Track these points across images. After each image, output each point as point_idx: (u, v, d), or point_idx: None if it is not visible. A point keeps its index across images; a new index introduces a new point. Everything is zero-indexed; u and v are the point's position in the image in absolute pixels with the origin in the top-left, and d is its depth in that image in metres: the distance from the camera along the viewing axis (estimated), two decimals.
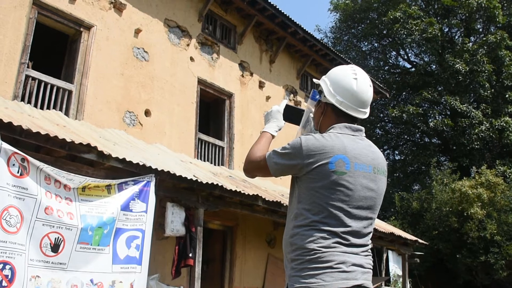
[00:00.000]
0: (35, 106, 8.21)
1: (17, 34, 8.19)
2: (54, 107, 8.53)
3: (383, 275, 16.48)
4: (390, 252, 17.05)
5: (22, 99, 8.10)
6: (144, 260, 6.87)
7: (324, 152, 2.20)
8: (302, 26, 13.34)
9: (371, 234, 2.36)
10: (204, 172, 9.29)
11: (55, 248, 5.88)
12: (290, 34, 13.39)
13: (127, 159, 6.86)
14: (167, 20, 10.86)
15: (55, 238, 5.85)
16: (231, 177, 10.20)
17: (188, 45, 11.21)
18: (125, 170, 6.96)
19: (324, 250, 2.14)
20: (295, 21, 13.07)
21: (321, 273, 2.12)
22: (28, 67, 8.33)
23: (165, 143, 10.05)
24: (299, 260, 2.20)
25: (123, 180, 6.82)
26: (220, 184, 8.28)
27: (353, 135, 2.34)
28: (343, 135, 2.30)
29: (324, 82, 2.44)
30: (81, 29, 9.18)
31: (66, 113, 8.62)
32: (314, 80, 2.53)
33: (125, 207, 6.71)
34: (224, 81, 11.95)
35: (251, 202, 9.06)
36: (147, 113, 9.95)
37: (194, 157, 10.64)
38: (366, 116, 2.45)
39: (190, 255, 8.09)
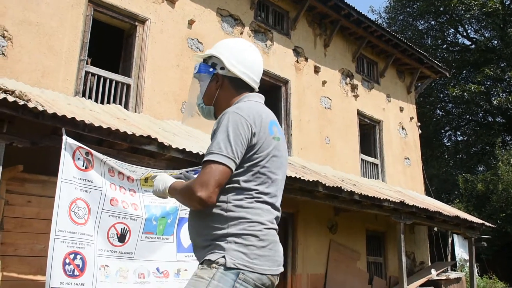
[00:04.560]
0: (96, 101, 8.40)
1: (75, 32, 8.38)
2: (114, 101, 8.70)
3: (449, 260, 16.12)
4: (455, 236, 16.66)
5: (83, 95, 8.31)
6: None
7: (261, 118, 2.12)
8: (355, 8, 13.09)
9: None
10: None
11: (122, 238, 6.01)
12: (344, 17, 13.16)
13: (187, 149, 6.93)
14: (219, 10, 10.87)
15: (121, 229, 5.97)
16: (290, 164, 10.16)
17: (241, 33, 11.19)
18: (185, 160, 7.02)
19: (270, 225, 2.10)
20: (348, 3, 12.84)
21: (264, 255, 2.08)
22: (87, 63, 8.52)
23: None
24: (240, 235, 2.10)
25: (184, 170, 6.87)
26: None
27: (261, 103, 2.30)
28: (260, 103, 2.26)
29: (221, 54, 2.30)
30: (136, 23, 9.31)
31: (126, 107, 8.79)
32: (207, 51, 2.37)
33: None
34: (279, 68, 11.88)
35: (311, 189, 8.99)
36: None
37: None
38: (257, 88, 2.39)
39: None
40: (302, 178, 8.55)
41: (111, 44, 10.93)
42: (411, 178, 15.54)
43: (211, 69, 2.34)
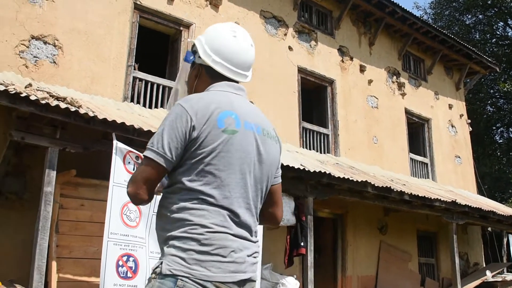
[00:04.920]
0: (144, 105, 8.54)
1: (123, 38, 8.54)
2: (162, 105, 8.82)
3: (505, 261, 15.65)
4: (511, 236, 16.15)
5: (132, 100, 8.46)
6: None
7: (210, 108, 1.86)
8: (400, 5, 12.90)
9: (259, 211, 2.00)
10: (310, 160, 9.23)
11: None
12: (388, 14, 12.98)
13: None
14: (262, 12, 10.88)
15: None
16: (338, 165, 10.08)
17: (285, 34, 11.18)
18: None
19: (216, 229, 1.80)
20: (392, 0, 12.65)
21: (208, 261, 1.78)
22: (134, 69, 8.67)
23: None
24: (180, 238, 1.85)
25: None
26: (327, 172, 8.19)
27: (235, 93, 2.02)
28: (227, 93, 1.99)
29: (199, 41, 2.12)
30: (181, 28, 9.41)
31: None
32: (190, 40, 2.23)
33: None
34: (324, 68, 11.81)
35: (360, 189, 8.90)
36: None
37: (299, 146, 10.61)
38: (248, 79, 2.12)
39: (302, 244, 8.09)
40: (350, 178, 8.47)
41: (157, 49, 11.09)
42: (462, 177, 15.18)
43: (191, 57, 2.20)
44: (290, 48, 11.16)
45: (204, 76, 2.09)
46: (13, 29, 7.37)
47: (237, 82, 2.08)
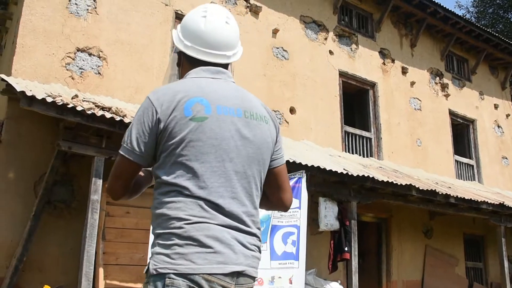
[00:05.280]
0: None
1: (165, 48, 8.67)
2: None
3: None
4: None
5: None
6: (301, 255, 6.91)
7: (176, 97, 1.76)
8: (441, 5, 12.70)
9: (257, 199, 1.87)
10: (353, 164, 9.17)
11: None
12: (430, 14, 12.79)
13: None
14: (302, 17, 10.88)
15: None
16: (381, 168, 9.97)
17: (325, 39, 11.15)
18: None
19: (194, 220, 1.69)
20: (433, 0, 12.47)
21: (191, 253, 1.67)
22: (177, 78, 8.79)
23: (312, 139, 10.08)
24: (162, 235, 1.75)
25: None
26: (371, 176, 8.13)
27: (212, 77, 1.91)
28: (200, 79, 1.88)
29: (175, 30, 2.05)
30: None
31: None
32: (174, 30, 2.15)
33: None
34: (365, 71, 11.72)
35: (404, 193, 8.79)
36: (291, 110, 10.04)
37: (342, 150, 10.56)
38: (228, 60, 1.99)
39: (346, 249, 8.04)
40: (394, 182, 8.38)
41: None
42: (510, 178, 14.79)
43: (175, 47, 2.09)
44: (330, 52, 11.12)
45: (185, 63, 2.01)
46: (59, 43, 7.59)
47: (217, 65, 1.96)
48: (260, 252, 1.84)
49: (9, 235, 6.58)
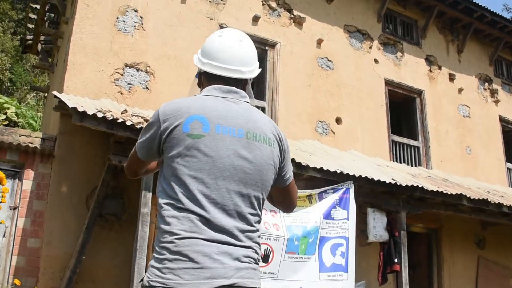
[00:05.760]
0: None
1: None
2: None
3: None
4: None
5: None
6: (350, 267, 6.86)
7: (179, 113, 1.87)
8: (488, 9, 12.42)
9: (258, 217, 1.90)
10: (402, 174, 9.04)
11: (265, 258, 6.13)
12: (477, 19, 12.52)
13: (325, 168, 6.94)
14: (346, 26, 10.84)
15: (265, 249, 6.10)
16: (430, 177, 9.79)
17: (370, 47, 11.06)
18: (323, 179, 7.04)
19: (184, 235, 1.75)
20: (480, 4, 12.21)
21: (179, 268, 1.72)
22: None
23: (359, 149, 9.99)
24: (157, 248, 1.82)
25: (322, 189, 6.91)
26: (420, 186, 7.99)
27: (222, 96, 1.98)
28: (208, 97, 1.97)
29: (196, 53, 2.18)
30: (266, 48, 9.55)
31: None
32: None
33: (327, 216, 6.78)
34: (411, 79, 11.56)
35: (455, 202, 8.60)
36: (338, 120, 9.99)
37: (389, 160, 10.42)
38: (243, 76, 2.05)
39: (396, 260, 7.92)
40: (444, 191, 8.21)
41: None
42: None
43: (197, 72, 2.29)
44: (376, 60, 11.03)
45: (204, 82, 2.10)
46: (108, 59, 7.78)
47: (231, 84, 2.03)
48: (257, 263, 1.88)
49: (62, 247, 6.76)
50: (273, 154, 1.97)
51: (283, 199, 2.22)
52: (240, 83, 2.06)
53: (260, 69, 2.20)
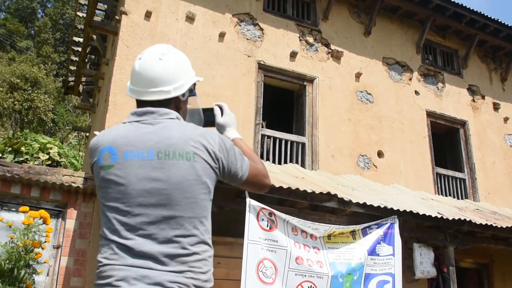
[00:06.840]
0: (273, 162, 8.67)
1: (249, 98, 8.82)
2: (291, 161, 8.91)
3: None
4: None
5: (261, 157, 8.62)
6: None
7: (96, 147, 1.90)
8: None
9: (195, 238, 1.79)
10: (448, 207, 8.78)
11: None
12: None
13: (368, 203, 6.80)
14: (385, 58, 10.77)
15: (309, 287, 5.96)
16: (478, 210, 9.48)
17: (410, 79, 10.94)
18: (366, 214, 6.89)
19: (104, 262, 1.77)
20: None
21: None
22: (262, 126, 8.88)
23: (402, 182, 9.78)
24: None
25: (366, 224, 6.76)
26: (468, 219, 7.72)
27: (137, 120, 1.92)
28: (125, 124, 1.94)
29: None
30: (305, 83, 9.56)
31: (302, 165, 8.94)
32: None
33: (372, 252, 6.61)
34: (454, 109, 11.34)
35: (506, 236, 8.28)
36: (379, 154, 9.84)
37: (434, 193, 10.16)
38: (168, 95, 1.96)
39: None
40: (494, 225, 7.92)
41: (283, 106, 11.31)
42: None
43: None
44: (416, 92, 10.88)
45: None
46: None
47: (154, 104, 1.96)
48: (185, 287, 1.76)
49: None
50: (195, 168, 1.85)
51: (251, 189, 2.22)
52: (167, 103, 1.99)
53: (197, 80, 2.19)
